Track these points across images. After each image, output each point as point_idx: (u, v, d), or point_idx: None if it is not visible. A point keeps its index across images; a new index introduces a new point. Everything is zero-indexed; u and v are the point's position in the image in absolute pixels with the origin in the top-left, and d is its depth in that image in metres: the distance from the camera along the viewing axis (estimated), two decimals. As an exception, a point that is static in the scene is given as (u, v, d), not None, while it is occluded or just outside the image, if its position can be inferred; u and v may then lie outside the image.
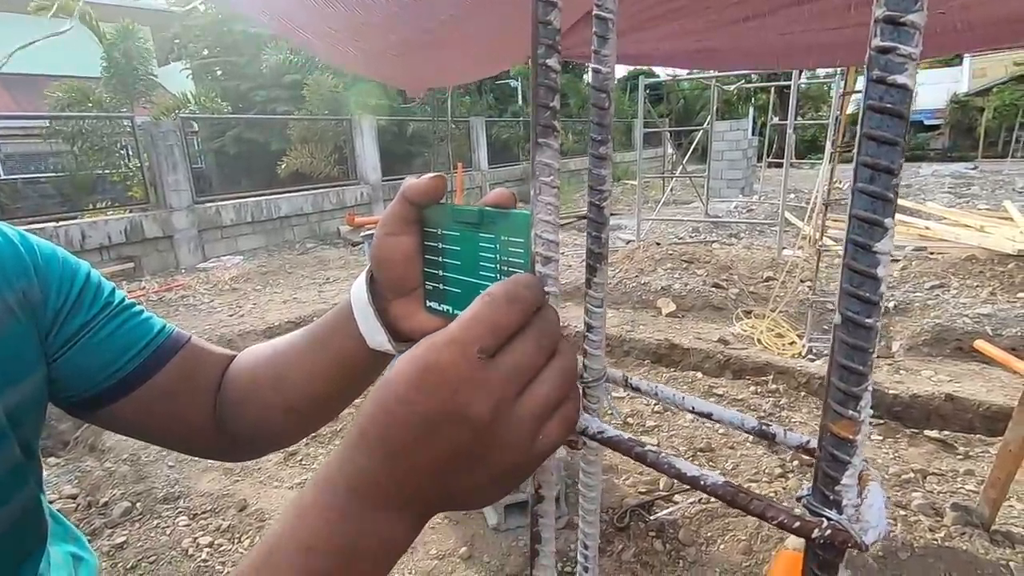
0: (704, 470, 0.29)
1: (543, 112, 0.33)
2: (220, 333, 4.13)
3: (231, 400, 0.54)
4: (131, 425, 0.53)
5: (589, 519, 0.47)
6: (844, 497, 0.27)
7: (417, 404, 0.27)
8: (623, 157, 15.89)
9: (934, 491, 2.05)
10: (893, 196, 0.24)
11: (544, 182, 0.34)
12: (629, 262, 5.32)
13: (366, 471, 0.29)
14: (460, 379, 0.27)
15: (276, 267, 6.51)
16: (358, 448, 0.29)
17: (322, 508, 0.29)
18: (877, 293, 0.25)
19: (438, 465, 0.28)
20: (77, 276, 0.51)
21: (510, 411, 0.28)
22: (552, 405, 0.29)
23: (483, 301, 0.29)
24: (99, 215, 6.74)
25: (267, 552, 0.29)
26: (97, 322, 0.50)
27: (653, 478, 2.21)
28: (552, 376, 0.29)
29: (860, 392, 0.26)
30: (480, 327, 0.28)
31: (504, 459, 0.28)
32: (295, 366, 0.50)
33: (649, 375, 3.31)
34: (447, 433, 0.27)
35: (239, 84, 11.26)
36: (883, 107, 0.23)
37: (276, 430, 0.54)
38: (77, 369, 0.49)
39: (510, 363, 0.28)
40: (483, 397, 0.27)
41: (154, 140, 6.74)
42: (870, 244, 0.24)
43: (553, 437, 0.30)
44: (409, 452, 0.28)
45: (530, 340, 0.29)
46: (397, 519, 0.29)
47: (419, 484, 0.29)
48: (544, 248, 0.35)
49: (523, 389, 0.28)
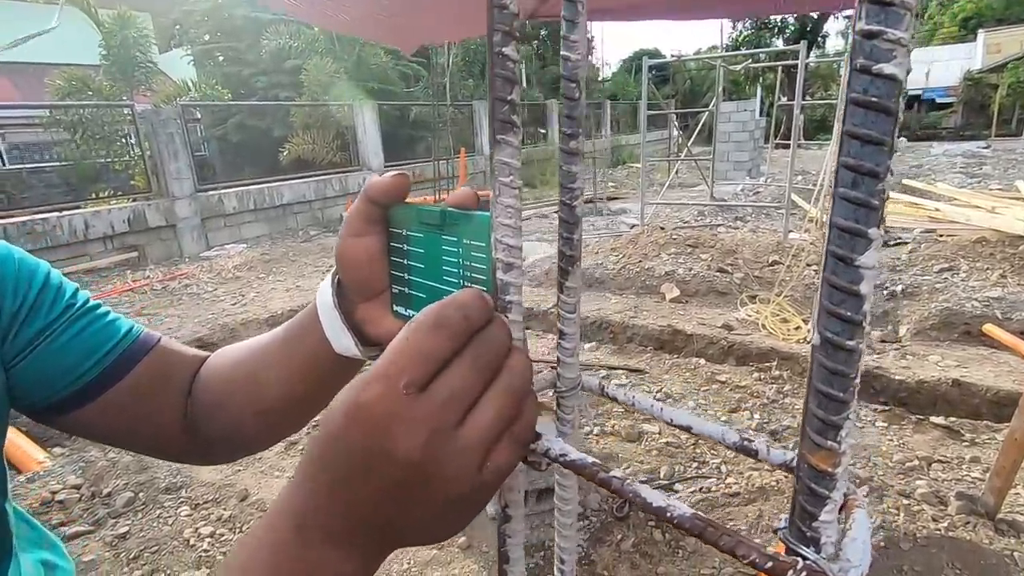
0: (671, 500, 0.27)
1: (501, 106, 0.30)
2: (223, 322, 4.13)
3: (204, 402, 0.52)
4: (98, 430, 0.51)
5: (565, 533, 0.45)
6: (823, 534, 0.25)
7: (348, 441, 0.26)
8: (628, 140, 15.70)
9: (939, 479, 2.03)
10: (879, 203, 0.21)
11: (503, 183, 0.31)
12: (633, 247, 5.27)
13: (311, 505, 0.28)
14: (387, 416, 0.25)
15: (279, 255, 6.50)
16: (303, 482, 0.28)
17: (270, 542, 0.28)
18: (860, 312, 0.22)
19: (378, 501, 0.27)
20: (35, 278, 0.49)
21: (447, 443, 0.26)
22: (498, 429, 0.27)
23: (408, 329, 0.27)
24: (102, 204, 6.74)
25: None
26: (58, 326, 0.48)
27: (654, 467, 2.20)
28: (495, 399, 0.27)
29: (840, 421, 0.23)
30: (404, 359, 0.26)
31: (450, 491, 0.27)
32: (268, 368, 0.48)
33: (652, 362, 3.29)
34: (380, 470, 0.26)
35: (241, 70, 11.17)
36: (868, 101, 0.20)
37: (250, 433, 0.52)
38: (38, 375, 0.47)
39: (443, 393, 0.26)
40: (413, 434, 0.25)
41: (155, 128, 6.71)
42: (852, 257, 0.21)
43: (502, 462, 0.28)
44: (348, 487, 0.27)
45: (465, 365, 0.27)
46: (346, 556, 0.28)
47: (363, 519, 0.27)
48: (505, 254, 0.32)
49: (463, 417, 0.27)
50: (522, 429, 0.29)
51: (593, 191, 8.80)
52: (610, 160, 14.62)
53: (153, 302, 4.93)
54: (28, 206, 6.73)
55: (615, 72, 23.05)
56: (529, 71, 17.75)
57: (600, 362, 3.30)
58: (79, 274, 5.89)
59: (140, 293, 5.24)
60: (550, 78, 17.98)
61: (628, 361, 3.31)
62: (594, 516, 1.97)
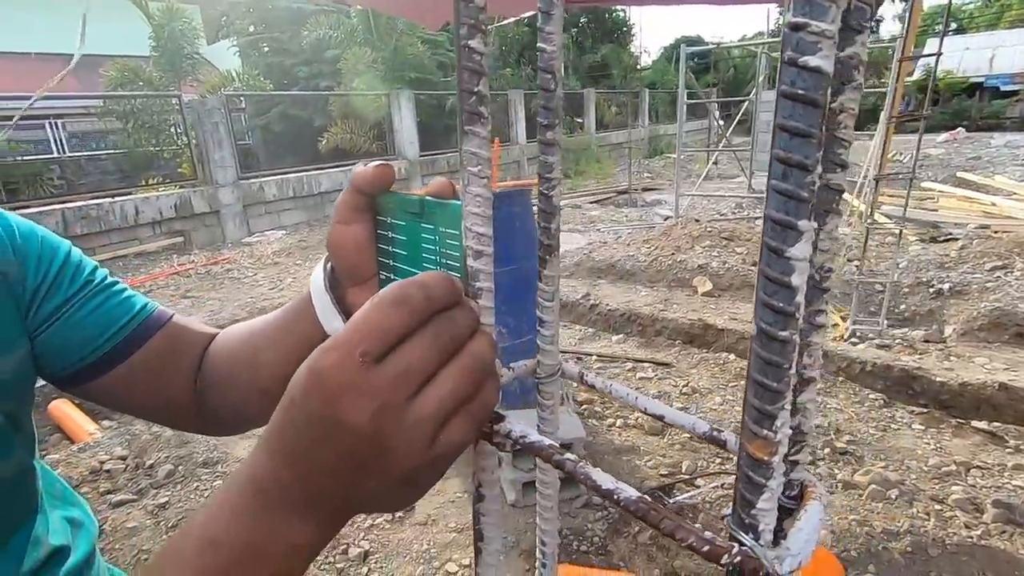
0: (619, 484, 0.28)
1: (468, 98, 0.31)
2: (261, 306, 4.28)
3: (211, 379, 0.55)
4: (115, 399, 0.54)
5: (547, 516, 0.46)
6: (761, 522, 0.25)
7: (304, 409, 0.27)
8: (666, 130, 15.38)
9: (976, 485, 1.95)
10: (807, 195, 0.21)
11: (472, 172, 0.32)
12: (666, 239, 5.19)
13: (269, 471, 0.29)
14: (340, 385, 0.26)
15: (316, 242, 6.67)
16: (264, 449, 0.30)
17: (231, 505, 0.30)
18: (792, 303, 0.22)
19: (332, 469, 0.28)
20: (57, 255, 0.52)
21: (399, 414, 0.27)
22: (451, 405, 0.28)
23: (371, 303, 0.28)
24: (151, 191, 7.04)
25: (178, 542, 0.30)
26: (77, 300, 0.51)
27: (675, 461, 2.18)
28: (451, 376, 0.28)
29: (775, 411, 0.23)
30: (363, 331, 0.27)
31: (403, 463, 0.28)
32: (266, 349, 0.50)
33: (680, 356, 3.25)
34: (333, 438, 0.27)
35: (283, 60, 11.44)
36: (795, 93, 0.20)
37: (254, 410, 0.54)
38: (59, 346, 0.50)
39: (398, 365, 0.27)
40: (364, 403, 0.26)
41: (200, 118, 6.95)
42: (783, 249, 0.21)
43: (457, 437, 0.29)
44: (304, 455, 0.28)
45: (423, 341, 0.28)
46: (301, 520, 0.29)
47: (319, 486, 0.29)
48: (476, 242, 0.33)
49: (417, 391, 0.28)
50: (479, 408, 0.30)
51: (628, 182, 8.68)
52: (647, 150, 14.37)
53: (197, 285, 5.14)
54: (85, 192, 7.09)
55: (655, 60, 22.55)
56: (566, 59, 17.56)
57: (626, 355, 3.28)
58: (130, 257, 6.19)
59: (185, 276, 5.47)
60: (589, 66, 17.75)
61: (655, 354, 3.28)
62: (613, 507, 1.97)
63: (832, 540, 1.68)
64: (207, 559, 0.28)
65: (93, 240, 6.11)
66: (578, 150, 12.23)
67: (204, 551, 0.29)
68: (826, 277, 0.27)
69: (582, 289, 4.26)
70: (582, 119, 13.95)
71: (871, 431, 2.35)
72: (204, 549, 0.29)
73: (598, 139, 13.46)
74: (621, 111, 15.19)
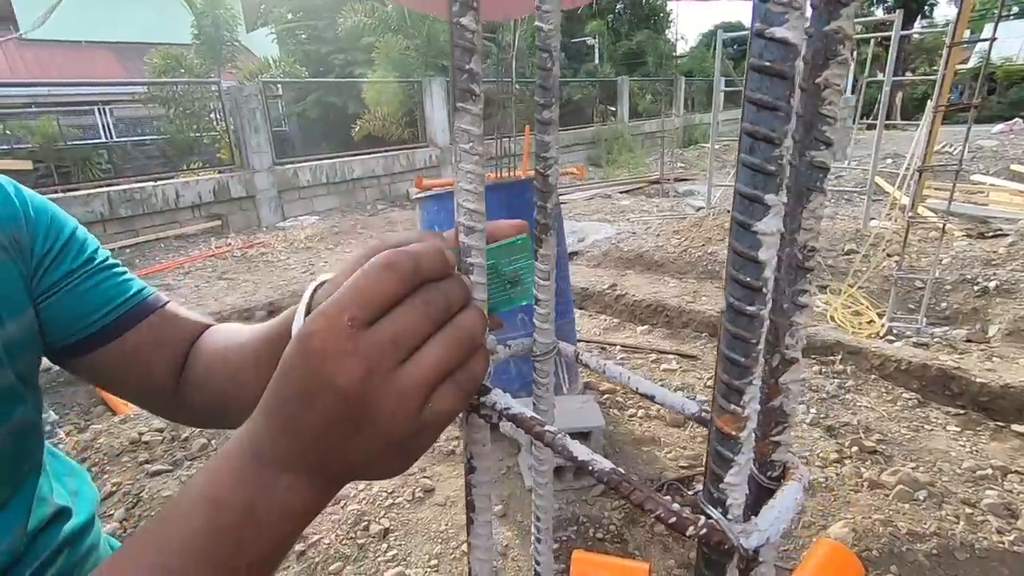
0: (595, 456, 0.28)
1: (461, 75, 0.32)
2: (293, 289, 4.39)
3: (193, 377, 0.56)
4: (104, 376, 0.56)
5: (541, 492, 0.47)
6: (729, 496, 0.25)
7: (295, 373, 0.28)
8: (702, 119, 15.02)
9: (1013, 491, 1.87)
10: (775, 169, 0.21)
11: (464, 149, 0.33)
12: (697, 230, 5.10)
13: (264, 433, 0.30)
14: (327, 348, 0.27)
15: (348, 227, 6.78)
16: (261, 411, 0.31)
17: (228, 467, 0.31)
18: (760, 278, 0.22)
19: (323, 431, 0.29)
20: (64, 230, 0.54)
21: (386, 380, 0.27)
22: (438, 374, 0.29)
23: (360, 270, 0.29)
24: (192, 175, 7.27)
25: (177, 503, 0.31)
26: (79, 275, 0.54)
27: (696, 453, 2.16)
28: (441, 343, 0.29)
29: (743, 386, 0.24)
30: (351, 296, 0.28)
31: (392, 429, 0.28)
32: (249, 367, 0.50)
33: (706, 348, 3.20)
34: (322, 401, 0.28)
35: (319, 48, 11.60)
36: (762, 65, 0.20)
37: (232, 418, 0.55)
38: (57, 316, 0.53)
39: (386, 331, 0.27)
40: (351, 367, 0.27)
41: (238, 104, 7.11)
42: (750, 223, 0.22)
43: (445, 406, 0.29)
44: (296, 418, 0.29)
45: (412, 308, 0.28)
46: (295, 483, 0.30)
47: (311, 448, 0.29)
48: (467, 218, 0.34)
49: (406, 358, 0.28)
50: (467, 378, 0.30)
51: (660, 171, 8.53)
52: (681, 140, 14.07)
53: (233, 267, 5.30)
54: (131, 175, 7.37)
55: (693, 47, 22.00)
56: (601, 46, 17.28)
57: (651, 346, 3.25)
58: (170, 239, 6.42)
59: (222, 259, 5.64)
60: (624, 53, 17.44)
61: (681, 347, 3.24)
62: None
63: (854, 539, 1.64)
64: (206, 519, 0.29)
65: (136, 222, 6.35)
66: (611, 139, 12.06)
67: (203, 511, 0.30)
68: (809, 256, 0.27)
69: (609, 279, 4.23)
70: (615, 107, 13.74)
71: (903, 431, 2.28)
72: (203, 509, 0.30)
73: (631, 128, 13.25)
74: (656, 99, 14.89)
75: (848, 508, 1.81)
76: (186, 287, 4.69)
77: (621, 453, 2.20)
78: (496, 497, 2.00)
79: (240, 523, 0.30)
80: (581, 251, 5.14)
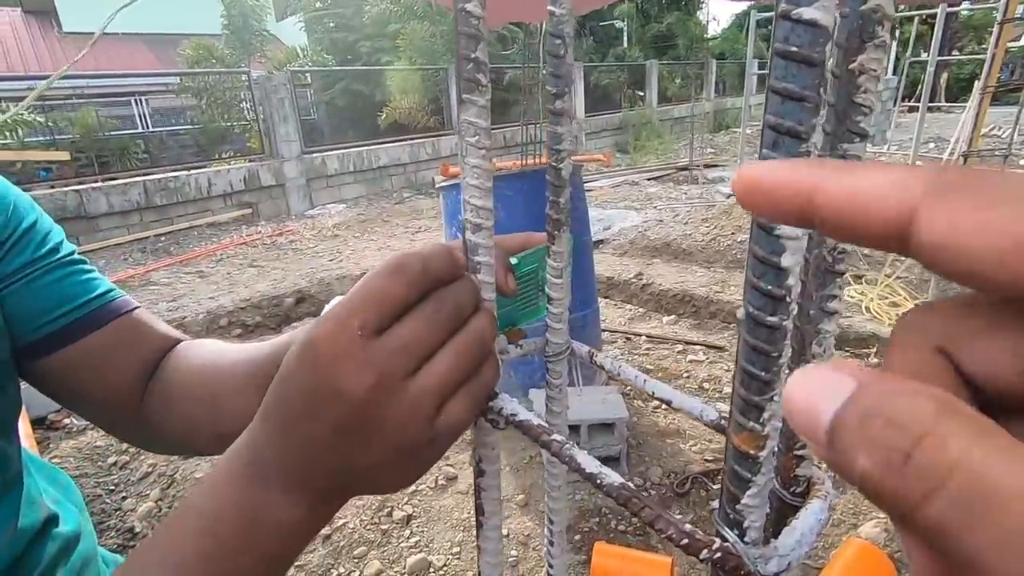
0: (604, 468, 0.27)
1: (466, 65, 0.30)
2: (320, 276, 4.45)
3: (162, 393, 0.50)
4: (56, 385, 0.50)
5: (555, 495, 0.46)
6: (747, 518, 0.23)
7: (301, 379, 0.27)
8: (734, 103, 14.62)
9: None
10: (802, 166, 0.19)
11: (470, 143, 0.31)
12: (727, 218, 4.98)
13: (262, 445, 0.29)
14: (335, 354, 0.26)
15: (374, 215, 6.84)
16: (258, 423, 0.30)
17: (226, 481, 0.29)
18: (782, 286, 0.20)
19: (328, 442, 0.27)
20: (27, 217, 0.49)
21: (397, 389, 0.26)
22: (451, 383, 0.28)
23: (368, 275, 0.28)
24: (223, 164, 7.42)
25: (176, 517, 0.30)
26: (39, 267, 0.48)
27: (722, 447, 2.12)
28: (451, 353, 0.28)
29: (762, 402, 0.22)
30: (360, 301, 0.27)
31: (401, 438, 0.27)
32: (232, 396, 0.47)
33: (734, 340, 3.14)
34: (327, 409, 0.27)
35: (347, 36, 11.64)
36: (787, 51, 0.18)
37: (201, 445, 0.51)
38: (13, 313, 0.47)
39: (397, 339, 0.27)
40: (360, 373, 0.26)
41: (267, 94, 7.20)
42: (772, 226, 0.20)
43: (457, 416, 0.28)
44: (296, 427, 0.28)
45: (423, 315, 0.27)
46: (294, 500, 0.29)
47: (312, 460, 0.28)
48: (473, 215, 0.32)
49: (418, 366, 0.27)
50: (479, 387, 0.29)
51: (689, 157, 8.35)
52: (712, 125, 13.74)
53: (263, 255, 5.40)
54: (166, 164, 7.55)
55: (725, 28, 21.37)
56: (630, 29, 16.92)
57: (677, 336, 3.20)
58: (203, 227, 6.57)
59: (252, 247, 5.75)
60: (653, 36, 17.05)
61: (708, 337, 3.18)
62: (653, 490, 1.95)
63: (886, 539, 1.59)
64: (204, 533, 0.29)
65: (171, 210, 6.52)
66: (638, 125, 11.84)
67: (200, 524, 0.29)
68: (839, 259, 0.25)
69: (635, 268, 4.17)
70: (643, 92, 13.47)
71: (940, 427, 2.20)
72: (200, 522, 0.29)
73: (660, 113, 12.98)
74: (686, 83, 14.54)
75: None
76: (218, 274, 4.81)
77: (645, 445, 2.17)
78: (518, 486, 2.00)
79: (234, 541, 0.29)
80: (607, 239, 5.08)
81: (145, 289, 4.50)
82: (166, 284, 4.65)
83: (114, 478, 2.24)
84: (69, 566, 0.50)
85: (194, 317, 3.73)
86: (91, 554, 0.53)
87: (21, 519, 0.46)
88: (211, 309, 3.84)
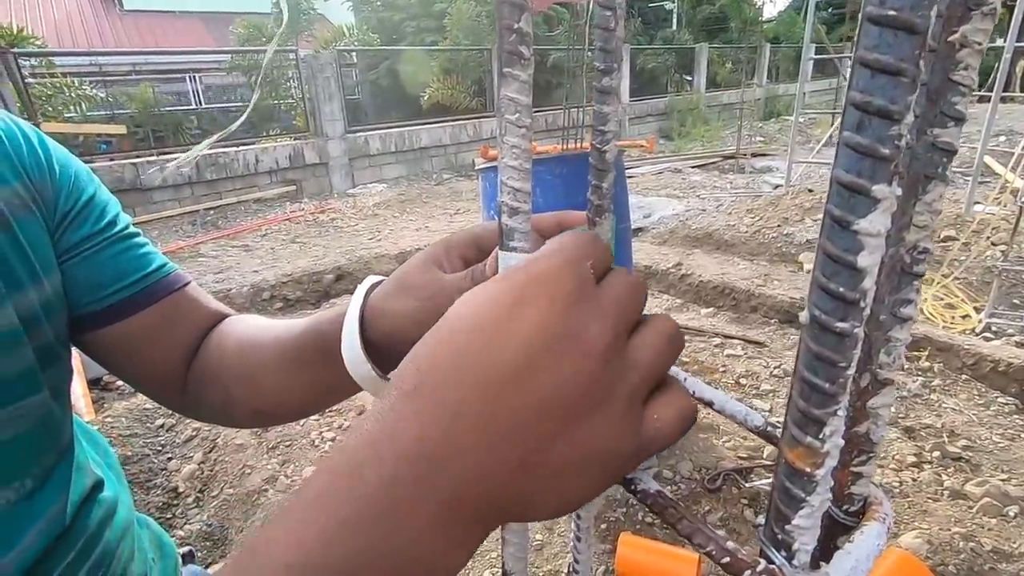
0: (639, 473, 0.25)
1: (508, 36, 0.28)
2: (359, 255, 4.53)
3: (204, 368, 0.51)
4: (111, 356, 0.51)
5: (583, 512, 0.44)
6: (796, 540, 0.21)
7: (515, 323, 0.20)
8: (787, 89, 14.02)
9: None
10: (890, 151, 0.16)
11: (510, 120, 0.29)
12: (773, 210, 4.80)
13: (413, 444, 0.20)
14: (571, 293, 0.21)
15: (414, 196, 6.89)
16: (403, 414, 0.20)
17: (343, 499, 0.20)
18: (856, 288, 0.18)
19: (534, 415, 0.20)
20: (88, 188, 0.50)
21: (623, 350, 0.22)
22: (660, 367, 0.23)
23: (567, 233, 0.25)
24: (270, 142, 7.58)
25: (267, 545, 0.20)
26: (100, 240, 0.49)
27: (757, 444, 2.06)
28: (657, 330, 0.23)
29: (824, 416, 0.19)
30: (580, 244, 0.23)
31: (609, 425, 0.21)
32: (269, 374, 0.47)
33: (775, 335, 3.03)
34: (553, 360, 0.20)
35: (393, 15, 11.66)
36: (883, 15, 0.15)
37: (237, 420, 0.52)
38: (72, 285, 0.47)
39: (614, 292, 0.22)
40: (599, 318, 0.21)
41: (313, 72, 7.30)
42: (850, 220, 0.17)
43: (670, 422, 0.23)
44: (493, 398, 0.20)
45: (624, 278, 0.24)
46: (445, 521, 0.20)
47: (499, 439, 0.20)
48: (511, 197, 0.30)
49: (631, 331, 0.23)
50: (685, 403, 0.24)
51: (736, 146, 8.07)
52: (762, 112, 13.23)
53: (305, 231, 5.52)
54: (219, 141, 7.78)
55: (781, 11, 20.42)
56: (680, 11, 16.36)
57: (715, 329, 3.11)
58: (250, 202, 6.76)
59: (295, 223, 5.89)
60: (704, 18, 16.44)
61: (748, 332, 3.09)
62: (683, 484, 1.92)
63: (928, 551, 1.52)
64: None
65: (220, 185, 6.73)
66: (685, 110, 11.50)
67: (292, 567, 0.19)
68: (919, 260, 0.22)
69: (674, 258, 4.08)
70: (691, 77, 13.05)
71: (994, 438, 2.08)
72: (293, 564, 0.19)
73: (707, 99, 12.56)
74: (736, 68, 14.01)
75: (924, 517, 1.68)
76: (263, 249, 4.94)
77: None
78: (546, 472, 2.00)
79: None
80: (647, 227, 4.98)
81: (194, 261, 4.67)
82: (214, 256, 4.82)
83: (161, 439, 2.35)
84: (113, 530, 0.51)
85: (239, 290, 3.86)
86: (129, 518, 0.54)
87: (72, 485, 0.47)
88: (255, 283, 3.96)
